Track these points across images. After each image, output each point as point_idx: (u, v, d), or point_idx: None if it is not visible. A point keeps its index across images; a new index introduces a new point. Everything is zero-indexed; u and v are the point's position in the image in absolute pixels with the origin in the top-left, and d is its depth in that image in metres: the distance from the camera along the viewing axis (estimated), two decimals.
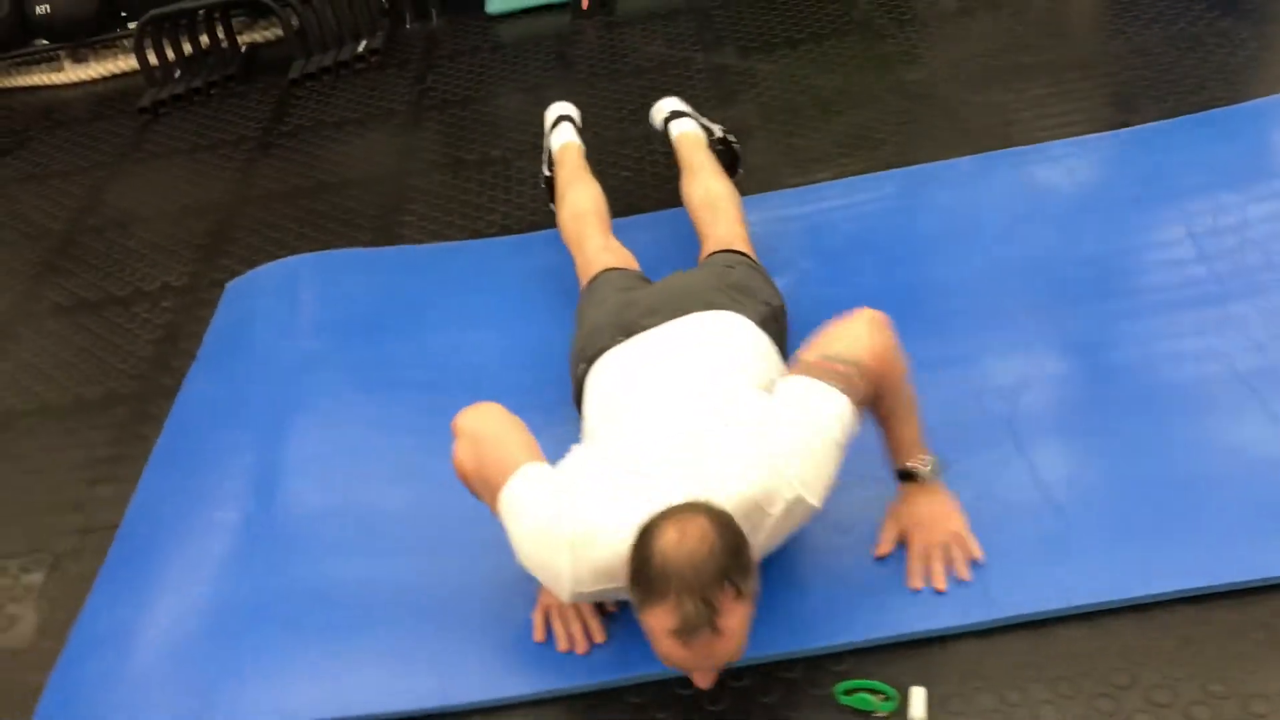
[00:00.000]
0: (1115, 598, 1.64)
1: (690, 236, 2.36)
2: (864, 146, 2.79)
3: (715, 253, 2.20)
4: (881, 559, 1.75)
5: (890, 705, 1.58)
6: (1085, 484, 1.81)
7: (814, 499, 1.55)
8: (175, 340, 2.63)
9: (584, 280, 2.27)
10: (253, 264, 2.78)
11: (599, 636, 1.73)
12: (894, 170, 2.65)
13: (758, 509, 1.52)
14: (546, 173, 2.68)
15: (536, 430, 1.69)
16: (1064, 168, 2.56)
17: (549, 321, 2.36)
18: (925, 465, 1.74)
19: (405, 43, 3.81)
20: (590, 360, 1.93)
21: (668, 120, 2.71)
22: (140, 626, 1.91)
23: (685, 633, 1.40)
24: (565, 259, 2.62)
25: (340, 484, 2.12)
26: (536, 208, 2.79)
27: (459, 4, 3.94)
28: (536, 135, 3.12)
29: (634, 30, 3.60)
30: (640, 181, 2.85)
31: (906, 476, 1.76)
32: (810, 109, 2.97)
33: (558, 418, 1.99)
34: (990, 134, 2.73)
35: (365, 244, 2.80)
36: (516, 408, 1.73)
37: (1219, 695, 1.52)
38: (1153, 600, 1.64)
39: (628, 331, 1.92)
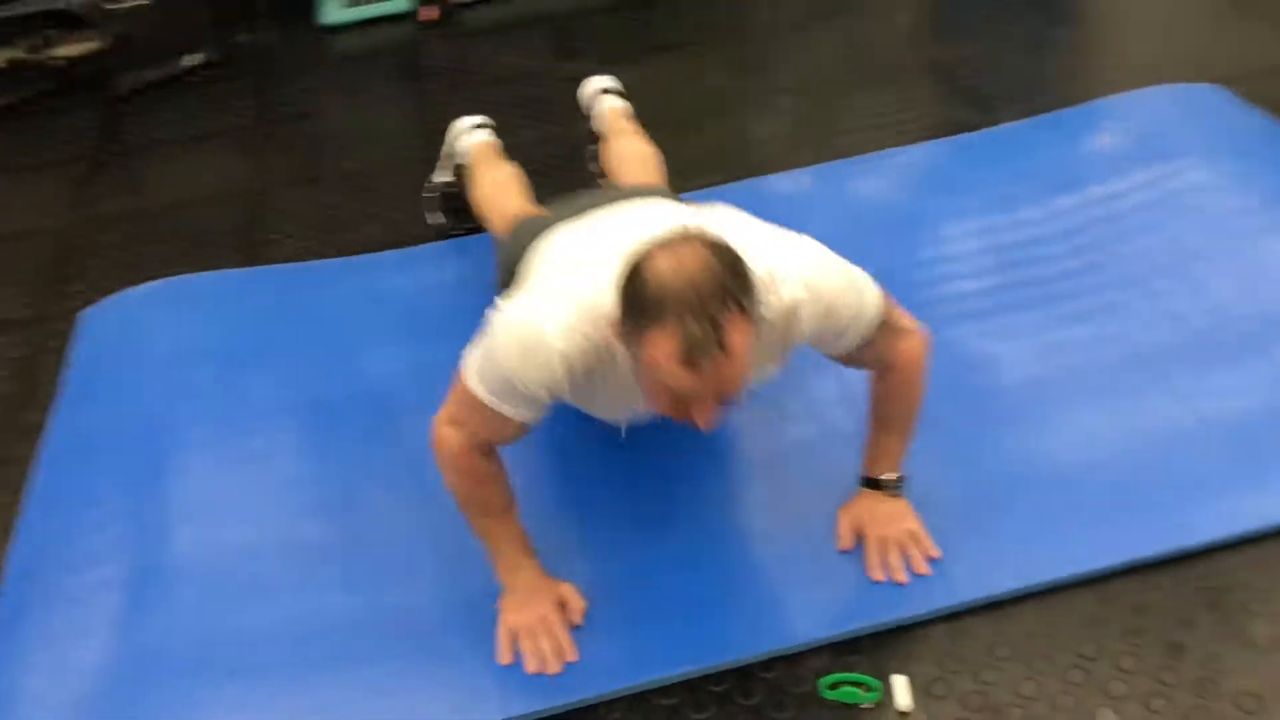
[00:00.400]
0: (1068, 574, 1.71)
1: None
2: (720, 157, 2.82)
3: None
4: (844, 552, 1.77)
5: (875, 695, 1.59)
6: (1016, 473, 1.88)
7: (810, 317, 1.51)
8: (29, 378, 2.40)
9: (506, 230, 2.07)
10: (106, 291, 2.56)
11: (571, 654, 1.67)
12: (743, 181, 2.66)
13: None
14: (446, 178, 2.58)
15: None
16: (915, 171, 2.65)
17: (445, 336, 2.26)
18: (895, 480, 1.77)
19: (239, 56, 3.61)
20: (533, 237, 1.82)
21: (600, 94, 2.60)
22: (28, 695, 1.72)
23: (693, 354, 1.30)
24: (454, 273, 2.54)
25: (247, 519, 1.98)
26: (412, 222, 2.70)
27: (291, 16, 3.77)
28: (397, 148, 3.01)
29: (484, 42, 3.53)
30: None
31: (872, 484, 1.79)
32: (670, 119, 2.99)
33: None
34: (831, 143, 2.79)
35: (234, 264, 2.64)
36: (424, 424, 1.66)
37: (1178, 656, 1.61)
38: (1102, 573, 1.72)
39: (575, 215, 1.81)
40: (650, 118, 2.56)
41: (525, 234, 1.88)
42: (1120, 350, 2.08)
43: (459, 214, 2.55)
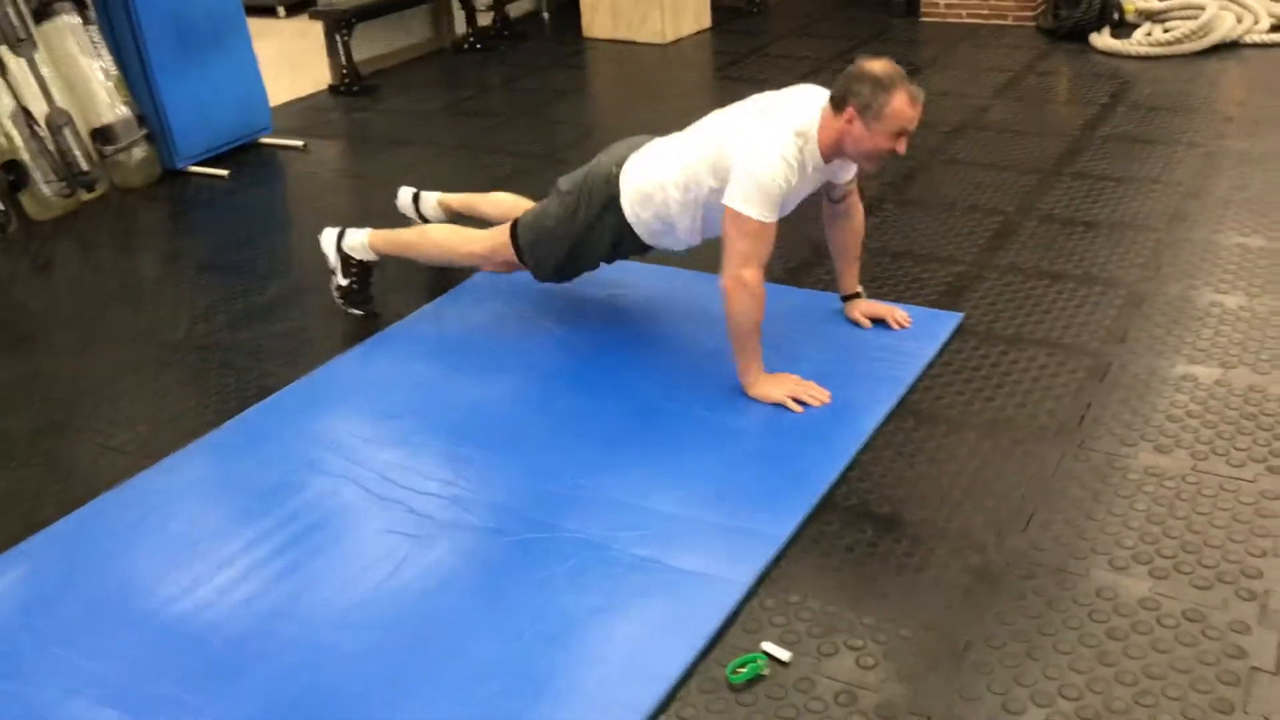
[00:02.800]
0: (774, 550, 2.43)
1: None
2: None
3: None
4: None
5: (763, 659, 2.12)
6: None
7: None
8: None
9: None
10: None
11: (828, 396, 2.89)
12: None
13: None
14: (345, 280, 3.49)
15: None
16: None
17: None
18: (860, 290, 3.32)
19: None
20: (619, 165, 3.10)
21: (416, 201, 3.81)
22: None
23: (915, 97, 2.71)
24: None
25: None
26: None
27: None
28: None
29: None
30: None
31: (854, 296, 3.29)
32: None
33: None
34: None
35: None
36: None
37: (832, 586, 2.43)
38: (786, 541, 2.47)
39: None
40: None
41: (603, 169, 3.13)
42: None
43: (362, 304, 3.55)
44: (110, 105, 4.77)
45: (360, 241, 3.44)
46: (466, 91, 6.16)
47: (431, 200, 3.81)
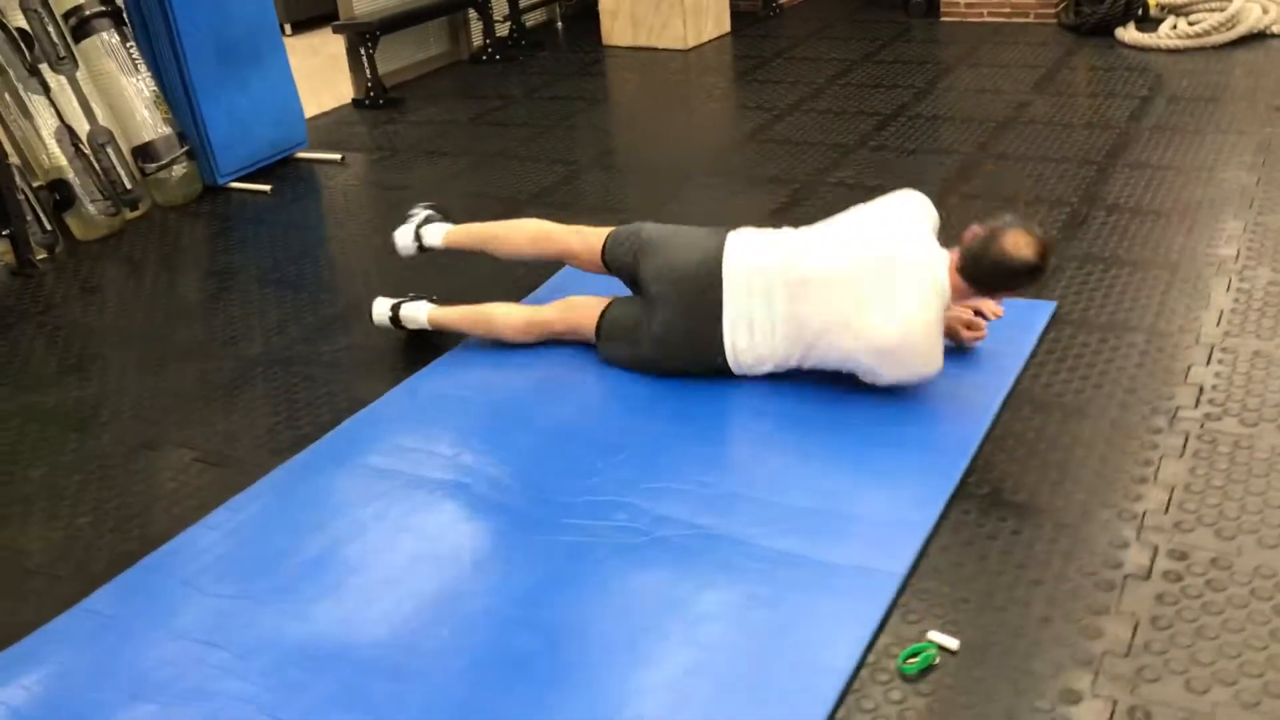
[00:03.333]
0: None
1: None
2: None
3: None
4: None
5: (934, 648, 2.09)
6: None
7: None
8: None
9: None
10: None
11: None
12: None
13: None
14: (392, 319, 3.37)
15: None
16: None
17: None
18: None
19: None
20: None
21: (420, 227, 3.45)
22: None
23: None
24: None
25: None
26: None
27: None
28: None
29: None
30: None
31: None
32: None
33: None
34: None
35: None
36: None
37: None
38: None
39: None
40: None
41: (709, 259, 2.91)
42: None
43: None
44: (150, 123, 4.71)
45: (418, 317, 3.34)
46: (494, 102, 6.12)
47: (439, 233, 3.46)
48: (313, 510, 2.62)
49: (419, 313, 3.32)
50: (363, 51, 6.14)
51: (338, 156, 5.30)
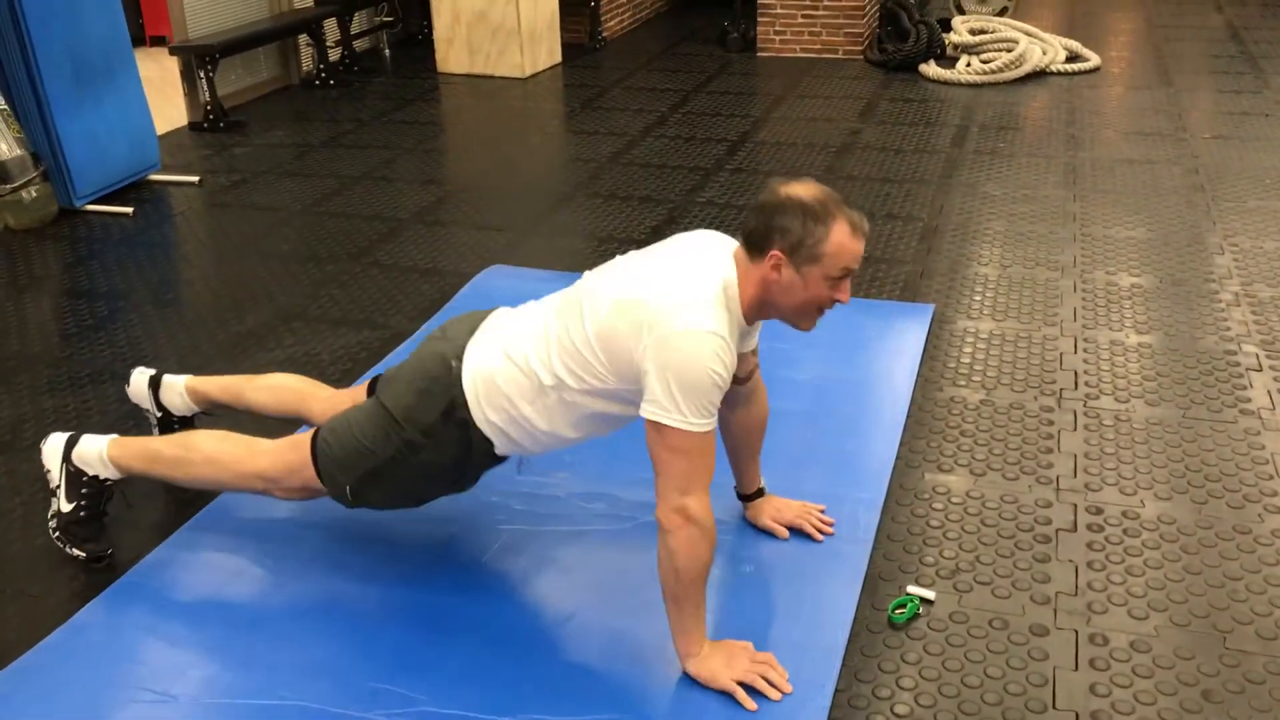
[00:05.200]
0: None
1: None
2: None
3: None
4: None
5: (916, 600, 2.36)
6: None
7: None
8: None
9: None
10: None
11: (787, 684, 2.10)
12: None
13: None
14: (69, 505, 2.51)
15: None
16: None
17: None
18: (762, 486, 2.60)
19: None
20: (458, 358, 2.23)
21: (154, 386, 2.78)
22: None
23: (857, 225, 2.02)
24: None
25: None
26: None
27: None
28: None
29: None
30: None
31: (758, 494, 2.59)
32: None
33: None
34: None
35: None
36: None
37: None
38: None
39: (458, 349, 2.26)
40: None
41: (441, 371, 2.23)
42: None
43: (87, 541, 2.53)
44: (2, 143, 4.51)
45: (96, 453, 2.50)
46: (343, 125, 6.13)
47: (178, 385, 2.77)
48: (286, 520, 2.67)
49: (96, 446, 2.53)
50: (201, 74, 6.03)
51: (196, 179, 5.21)
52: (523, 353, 2.17)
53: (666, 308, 1.99)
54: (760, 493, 2.59)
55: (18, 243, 4.55)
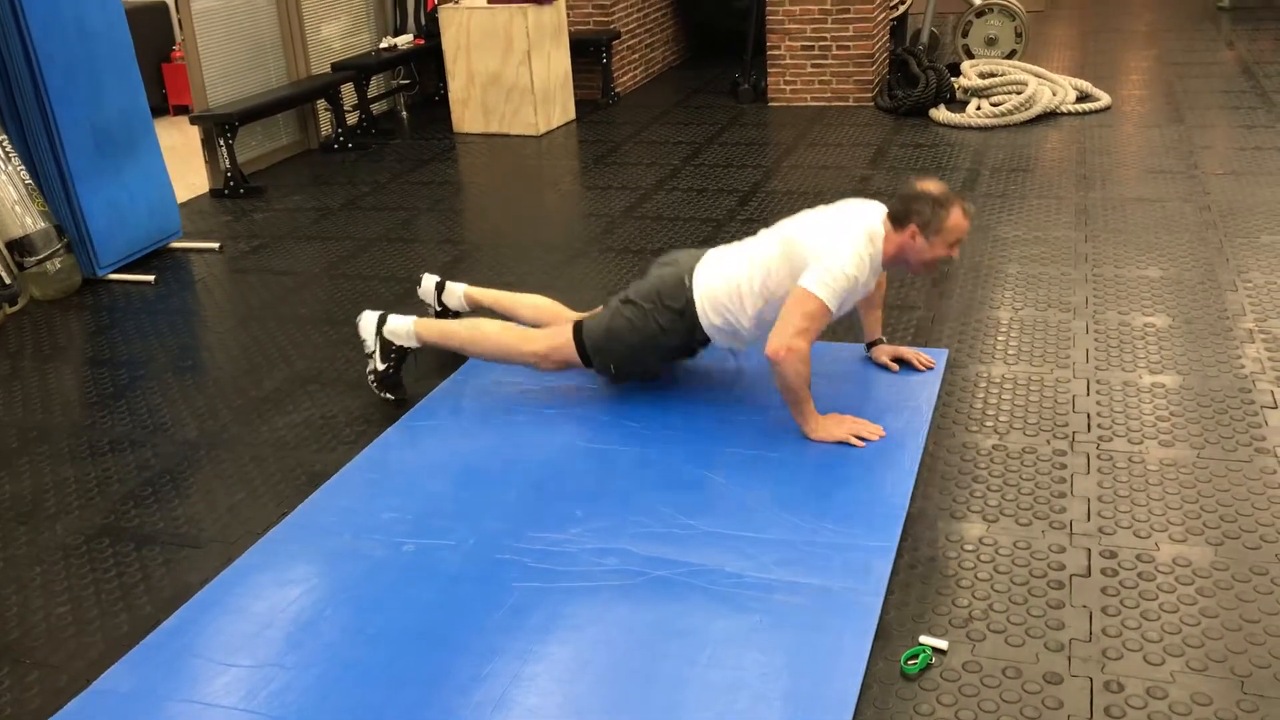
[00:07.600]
0: None
1: None
2: None
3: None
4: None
5: (928, 650, 2.35)
6: None
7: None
8: None
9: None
10: None
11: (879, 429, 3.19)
12: None
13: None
14: (383, 365, 3.54)
15: None
16: None
17: None
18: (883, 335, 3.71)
19: None
20: (690, 275, 3.31)
21: (440, 288, 3.87)
22: None
23: (969, 211, 3.15)
24: None
25: None
26: None
27: None
28: None
29: None
30: None
31: (877, 342, 3.64)
32: None
33: None
34: None
35: None
36: None
37: None
38: None
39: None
40: None
41: (675, 273, 3.34)
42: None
43: (395, 388, 3.59)
44: (27, 216, 4.62)
45: (405, 329, 3.51)
46: (361, 188, 6.23)
47: (458, 291, 3.88)
48: (304, 582, 2.69)
49: (404, 324, 3.53)
50: (221, 142, 6.15)
51: (216, 245, 5.30)
52: (737, 277, 3.23)
53: (836, 234, 3.15)
54: (879, 341, 3.65)
55: (42, 313, 4.64)
